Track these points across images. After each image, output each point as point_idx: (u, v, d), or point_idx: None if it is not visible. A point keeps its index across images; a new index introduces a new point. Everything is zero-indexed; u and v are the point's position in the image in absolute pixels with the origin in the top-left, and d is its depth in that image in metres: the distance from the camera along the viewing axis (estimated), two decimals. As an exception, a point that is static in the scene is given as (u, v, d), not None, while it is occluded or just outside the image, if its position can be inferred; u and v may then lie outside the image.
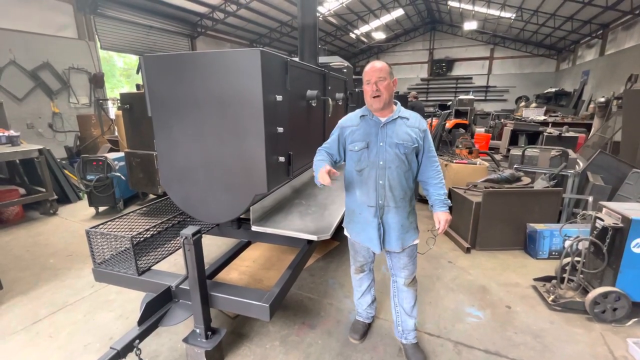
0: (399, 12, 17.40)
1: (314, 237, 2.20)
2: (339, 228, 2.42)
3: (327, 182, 1.89)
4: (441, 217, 2.08)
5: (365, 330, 2.50)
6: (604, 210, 2.73)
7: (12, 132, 4.86)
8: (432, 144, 2.08)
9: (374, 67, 1.92)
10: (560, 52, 17.46)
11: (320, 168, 1.94)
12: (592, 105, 10.22)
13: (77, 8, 9.10)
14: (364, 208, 2.06)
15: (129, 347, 1.86)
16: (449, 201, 2.11)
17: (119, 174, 4.94)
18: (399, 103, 2.08)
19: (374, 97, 1.92)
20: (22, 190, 5.05)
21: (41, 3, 8.30)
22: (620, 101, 7.13)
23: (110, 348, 1.81)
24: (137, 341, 1.89)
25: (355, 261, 2.35)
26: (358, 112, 2.10)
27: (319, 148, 2.17)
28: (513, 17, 14.49)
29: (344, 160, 2.16)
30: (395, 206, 2.00)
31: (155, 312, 2.07)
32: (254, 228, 2.34)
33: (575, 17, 12.68)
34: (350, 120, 2.10)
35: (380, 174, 1.98)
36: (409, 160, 2.00)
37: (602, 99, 8.54)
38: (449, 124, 10.01)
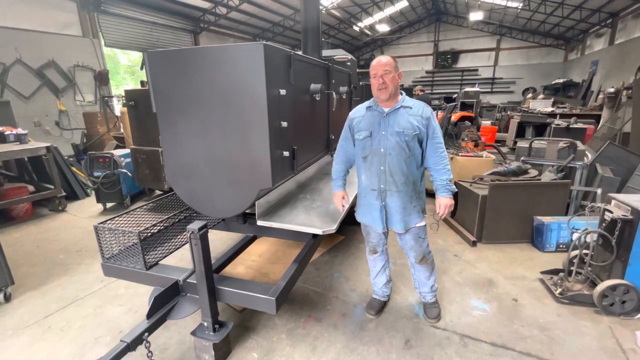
0: (403, 4, 17.13)
1: (319, 231, 2.20)
2: (344, 222, 2.43)
3: (341, 209, 2.30)
4: (442, 201, 2.16)
5: (380, 307, 2.65)
6: (613, 202, 2.70)
7: (20, 131, 4.92)
8: (438, 130, 2.13)
9: (380, 62, 2.07)
10: (568, 42, 17.11)
11: (335, 193, 2.31)
12: (601, 96, 10.04)
13: (81, 6, 9.11)
14: (368, 191, 2.25)
15: (139, 340, 1.89)
16: (453, 186, 2.17)
17: (125, 171, 4.98)
18: (404, 93, 2.18)
19: (380, 89, 2.05)
20: (31, 188, 5.13)
21: (45, 1, 8.32)
22: (630, 91, 7.00)
23: (121, 341, 1.85)
24: (147, 334, 1.93)
25: (368, 242, 2.52)
26: (365, 103, 2.25)
27: (338, 144, 2.37)
28: (520, 7, 14.21)
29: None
30: (397, 190, 2.14)
31: (163, 306, 2.10)
32: (259, 223, 2.35)
33: (584, 5, 12.39)
34: (357, 111, 2.28)
35: (382, 160, 2.12)
36: (410, 147, 2.10)
37: (612, 90, 8.39)
38: (454, 117, 9.91)
